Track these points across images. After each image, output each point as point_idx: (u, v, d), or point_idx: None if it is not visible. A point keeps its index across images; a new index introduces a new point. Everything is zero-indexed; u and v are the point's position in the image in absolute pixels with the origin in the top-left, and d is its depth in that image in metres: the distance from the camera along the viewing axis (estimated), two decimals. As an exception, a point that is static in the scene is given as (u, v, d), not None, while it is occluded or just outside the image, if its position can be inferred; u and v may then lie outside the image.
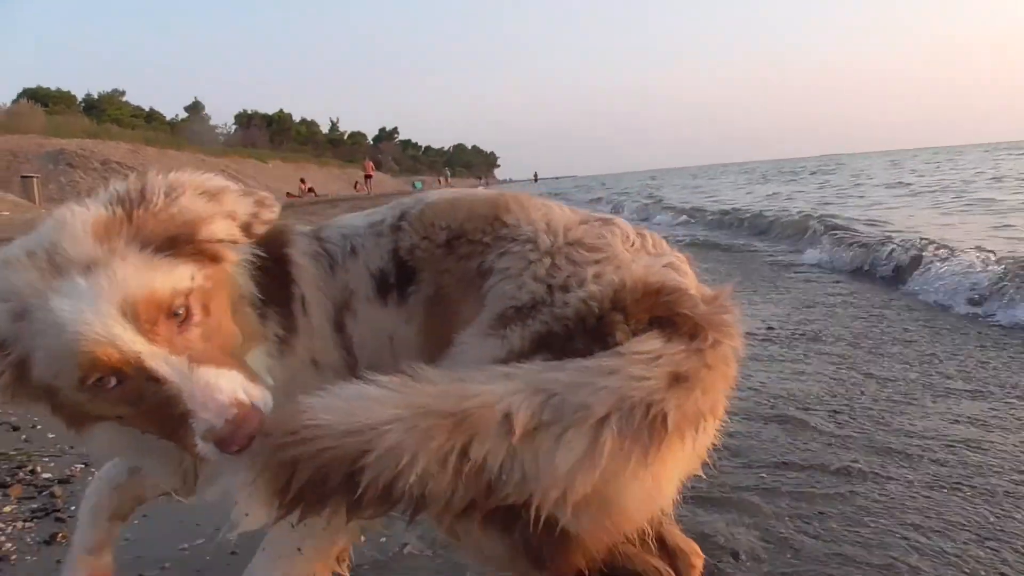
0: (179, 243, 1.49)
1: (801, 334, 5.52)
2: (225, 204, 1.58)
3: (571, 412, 1.34)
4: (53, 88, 66.36)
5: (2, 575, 2.44)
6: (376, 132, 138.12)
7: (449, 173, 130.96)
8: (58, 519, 2.82)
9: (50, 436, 3.60)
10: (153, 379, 1.37)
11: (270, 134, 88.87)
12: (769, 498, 2.84)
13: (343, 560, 1.86)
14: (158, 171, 1.57)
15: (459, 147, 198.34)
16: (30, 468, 3.26)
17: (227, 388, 1.39)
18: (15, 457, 3.38)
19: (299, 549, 1.75)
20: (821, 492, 2.86)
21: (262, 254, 1.72)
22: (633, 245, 1.69)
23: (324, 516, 1.39)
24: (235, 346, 1.55)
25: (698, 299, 1.59)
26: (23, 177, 26.47)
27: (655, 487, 1.52)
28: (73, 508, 2.90)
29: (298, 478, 1.31)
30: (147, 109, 79.39)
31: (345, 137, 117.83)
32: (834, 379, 4.33)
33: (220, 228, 1.55)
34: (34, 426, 3.75)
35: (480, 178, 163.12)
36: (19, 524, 2.78)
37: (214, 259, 1.56)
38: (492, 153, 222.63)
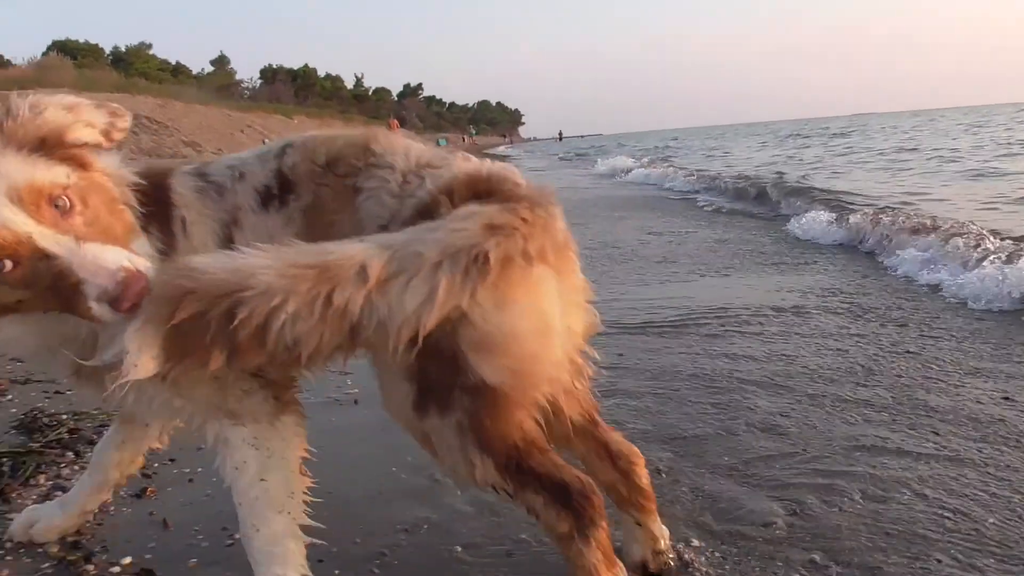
0: (49, 146, 1.70)
1: (801, 308, 5.61)
2: (82, 115, 1.80)
3: (410, 261, 1.63)
4: (81, 40, 66.71)
5: (104, 525, 2.72)
6: (401, 88, 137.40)
7: (474, 131, 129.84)
8: (144, 475, 3.07)
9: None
10: (45, 256, 1.57)
11: (295, 89, 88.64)
12: (798, 472, 2.95)
13: (304, 473, 2.07)
14: (18, 94, 1.77)
15: (484, 104, 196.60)
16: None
17: (112, 257, 1.59)
18: (97, 416, 3.62)
19: (263, 479, 1.98)
20: (847, 468, 2.97)
21: (142, 181, 1.94)
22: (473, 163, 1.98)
23: (207, 366, 1.61)
24: (117, 235, 1.76)
25: (523, 185, 1.88)
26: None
27: (536, 321, 1.77)
28: (156, 465, 3.17)
29: (183, 310, 1.54)
30: (173, 63, 79.50)
31: (370, 93, 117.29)
32: (852, 354, 4.44)
33: (84, 133, 1.78)
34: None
35: (504, 136, 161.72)
36: (110, 478, 3.05)
37: (84, 166, 1.77)
38: (517, 111, 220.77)
